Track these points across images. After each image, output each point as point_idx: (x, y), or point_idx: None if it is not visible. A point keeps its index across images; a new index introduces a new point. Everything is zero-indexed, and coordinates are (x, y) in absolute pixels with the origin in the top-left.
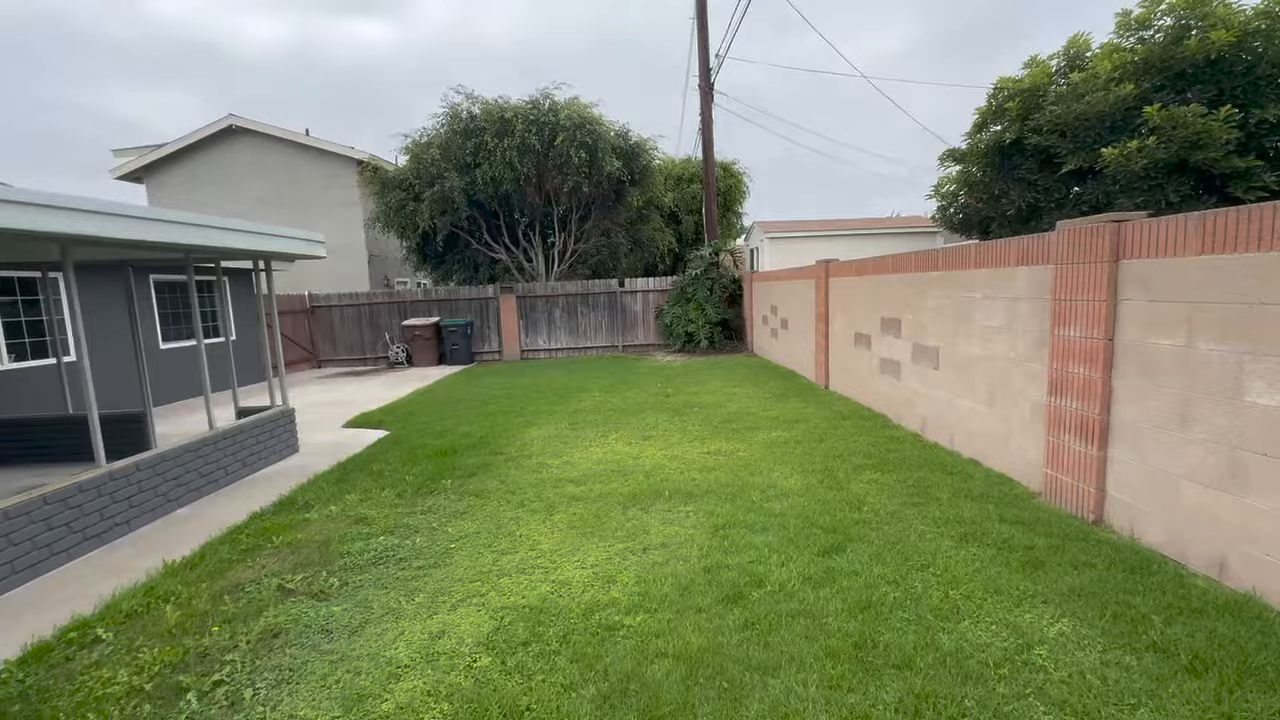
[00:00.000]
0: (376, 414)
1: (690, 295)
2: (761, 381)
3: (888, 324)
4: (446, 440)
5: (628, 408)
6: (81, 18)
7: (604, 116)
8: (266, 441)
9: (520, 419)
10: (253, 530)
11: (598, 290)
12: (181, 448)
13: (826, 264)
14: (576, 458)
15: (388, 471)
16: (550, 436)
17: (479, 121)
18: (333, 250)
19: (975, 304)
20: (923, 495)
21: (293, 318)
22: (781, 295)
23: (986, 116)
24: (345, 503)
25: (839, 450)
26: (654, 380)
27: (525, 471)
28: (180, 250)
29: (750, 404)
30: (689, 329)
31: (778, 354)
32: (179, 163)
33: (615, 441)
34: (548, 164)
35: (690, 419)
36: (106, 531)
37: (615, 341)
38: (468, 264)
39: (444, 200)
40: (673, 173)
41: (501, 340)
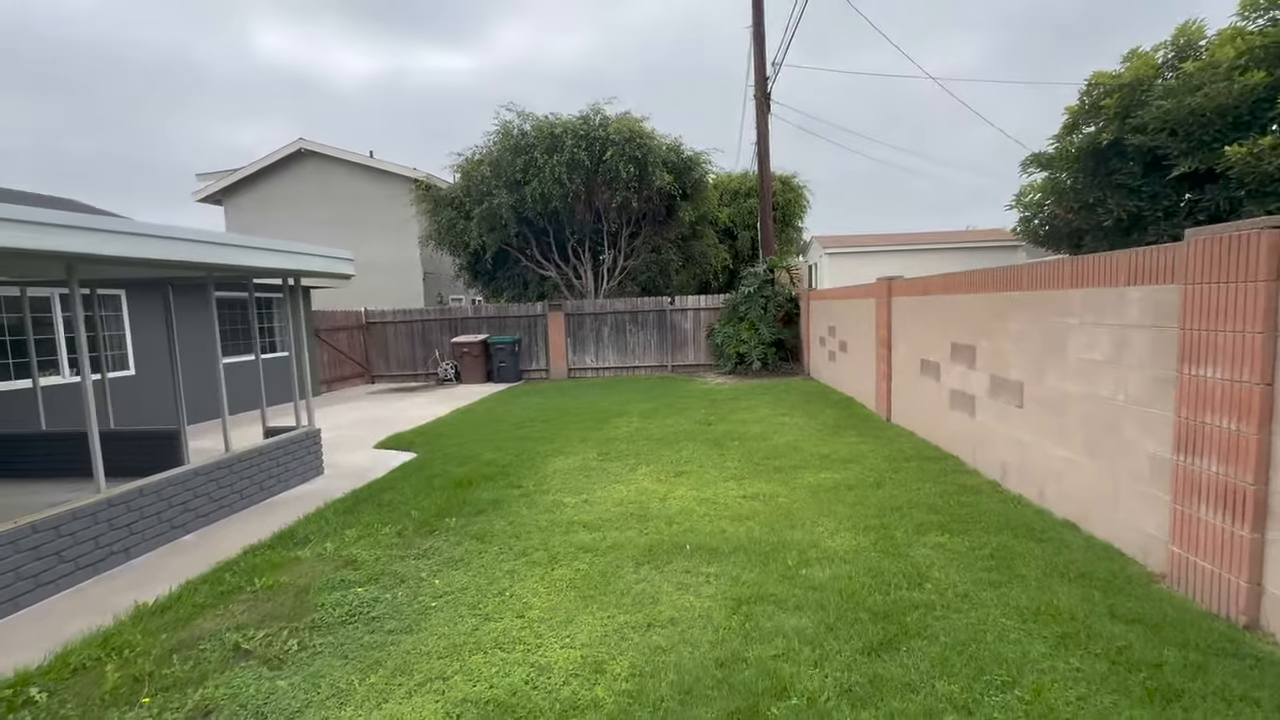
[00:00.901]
0: (409, 435)
1: (743, 314)
2: (815, 410)
3: (959, 351)
4: (467, 469)
5: (664, 437)
6: (201, 60)
7: (655, 131)
8: (288, 464)
9: (549, 446)
10: (241, 568)
11: (647, 308)
12: (191, 471)
13: (888, 282)
14: (598, 495)
15: (398, 503)
16: (575, 468)
17: (529, 138)
18: (389, 268)
19: (1071, 331)
20: (1004, 570)
21: (348, 333)
22: (840, 315)
23: (1079, 116)
24: (343, 539)
25: (899, 500)
26: (698, 405)
27: (538, 511)
28: (201, 269)
29: (800, 437)
30: (740, 349)
31: (835, 379)
32: (253, 186)
33: (644, 477)
34: (597, 179)
35: (730, 453)
36: (102, 560)
37: (664, 361)
38: (517, 281)
39: (493, 218)
40: (729, 187)
41: (549, 358)
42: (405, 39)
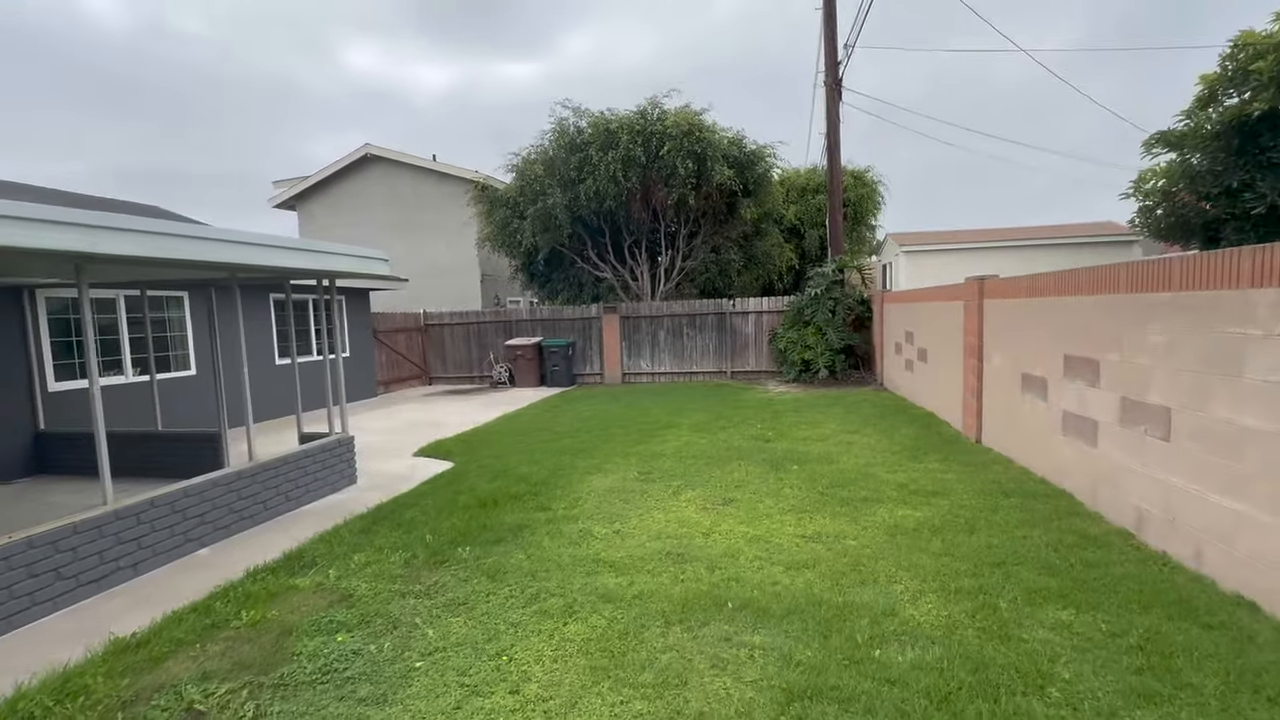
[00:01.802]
0: (450, 442)
1: (808, 318)
2: (890, 427)
3: (1075, 365)
4: (498, 484)
5: (716, 454)
6: (296, 78)
7: (716, 124)
8: (317, 473)
9: (589, 461)
10: (235, 595)
11: (705, 310)
12: (209, 482)
13: (980, 282)
14: (632, 525)
15: (417, 523)
16: (613, 489)
17: (585, 135)
18: (450, 270)
19: (1252, 345)
20: (1163, 672)
21: (407, 335)
22: (919, 319)
23: (1218, 86)
24: (348, 565)
25: (1000, 552)
26: (757, 417)
27: (563, 543)
28: (222, 269)
29: (873, 459)
30: (805, 356)
31: (913, 391)
32: (323, 191)
33: (687, 504)
34: (653, 176)
35: (790, 477)
36: (108, 576)
37: (723, 367)
38: (572, 283)
39: (546, 218)
40: (796, 183)
41: (603, 362)
42: (478, 52)
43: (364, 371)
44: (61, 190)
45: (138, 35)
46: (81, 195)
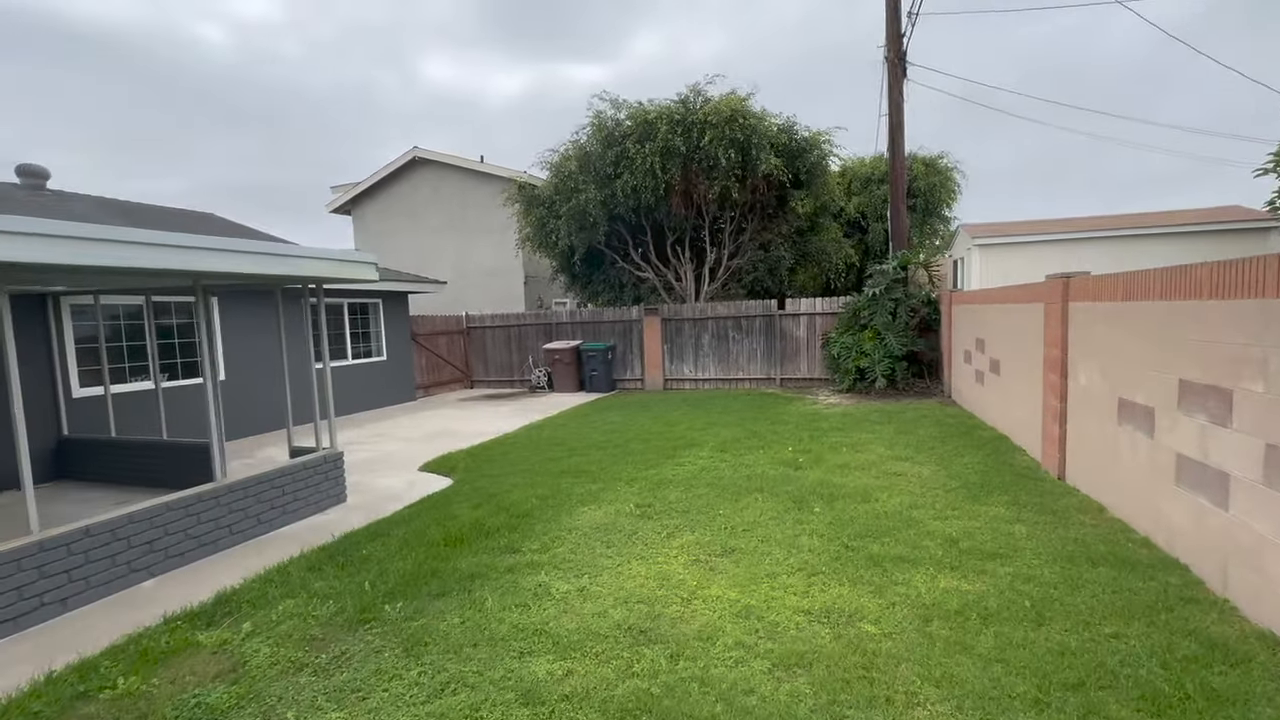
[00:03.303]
0: (460, 456)
1: (866, 320)
2: (950, 453)
3: (1196, 394)
4: (480, 513)
5: (732, 483)
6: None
7: (765, 110)
8: (298, 492)
9: (590, 486)
10: (130, 652)
11: (752, 312)
12: (163, 505)
13: (1064, 281)
14: (602, 582)
15: (370, 561)
16: (600, 527)
17: (624, 127)
18: (494, 272)
19: None
20: None
21: (448, 338)
22: (991, 324)
23: None
24: (269, 617)
25: (1080, 662)
26: (794, 436)
27: (511, 603)
28: (184, 276)
29: (920, 498)
30: (861, 363)
31: (983, 407)
32: (375, 196)
33: (677, 553)
34: (694, 168)
35: (812, 520)
36: (27, 614)
37: (772, 373)
38: (612, 284)
39: (581, 215)
40: (859, 173)
41: (644, 367)
42: (548, 56)
43: (402, 375)
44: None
45: (243, 60)
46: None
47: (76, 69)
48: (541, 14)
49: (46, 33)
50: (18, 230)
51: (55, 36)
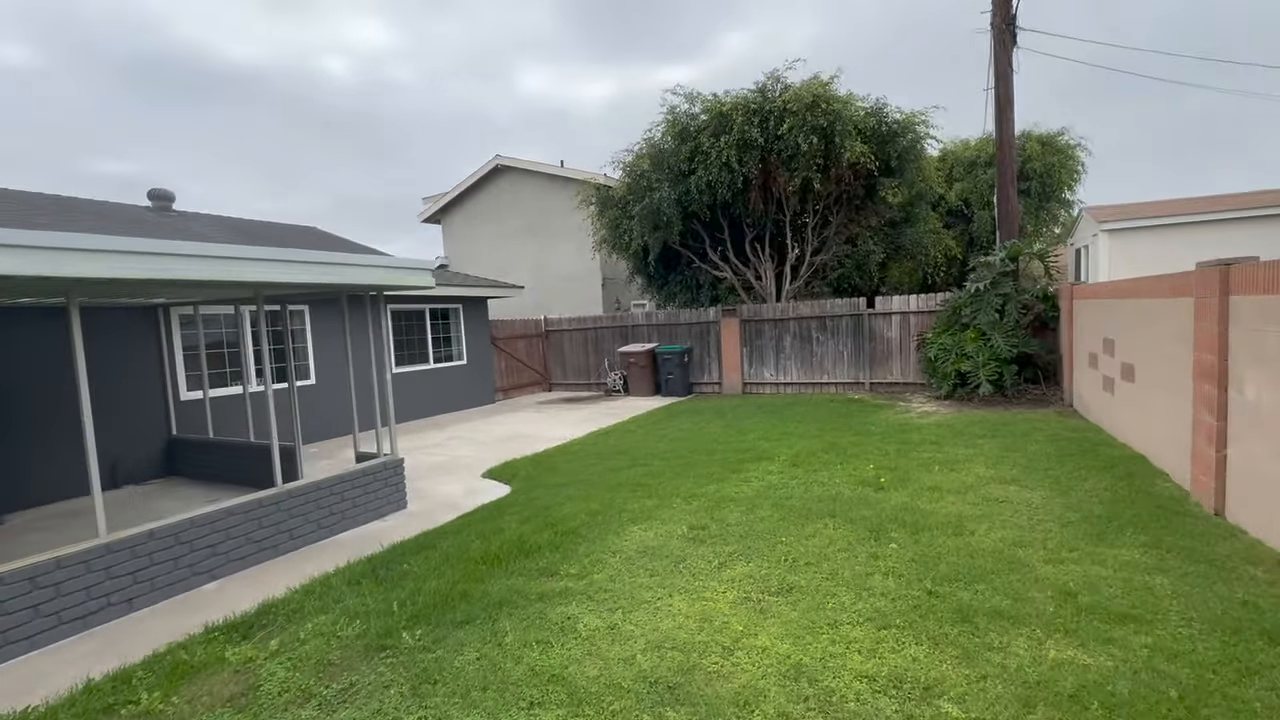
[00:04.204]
0: (522, 463)
1: (968, 319)
2: (1070, 475)
3: None
4: (527, 528)
5: (801, 506)
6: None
7: (852, 95)
8: (357, 499)
9: (646, 501)
10: (166, 663)
11: (839, 312)
12: (224, 509)
13: (1222, 269)
14: (637, 619)
15: (407, 578)
16: (647, 550)
17: (699, 121)
18: (574, 275)
19: None
20: None
21: (527, 341)
22: (1123, 322)
23: None
24: (297, 635)
25: None
26: (879, 449)
27: (532, 639)
28: (247, 288)
29: (1029, 533)
30: (962, 367)
31: (1113, 420)
32: (461, 204)
33: (727, 588)
34: (772, 159)
35: (890, 554)
36: (96, 613)
37: (860, 377)
38: (689, 284)
39: (655, 215)
40: (962, 157)
41: (722, 370)
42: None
43: (482, 378)
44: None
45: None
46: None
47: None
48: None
49: (203, 76)
50: (69, 246)
51: (211, 79)
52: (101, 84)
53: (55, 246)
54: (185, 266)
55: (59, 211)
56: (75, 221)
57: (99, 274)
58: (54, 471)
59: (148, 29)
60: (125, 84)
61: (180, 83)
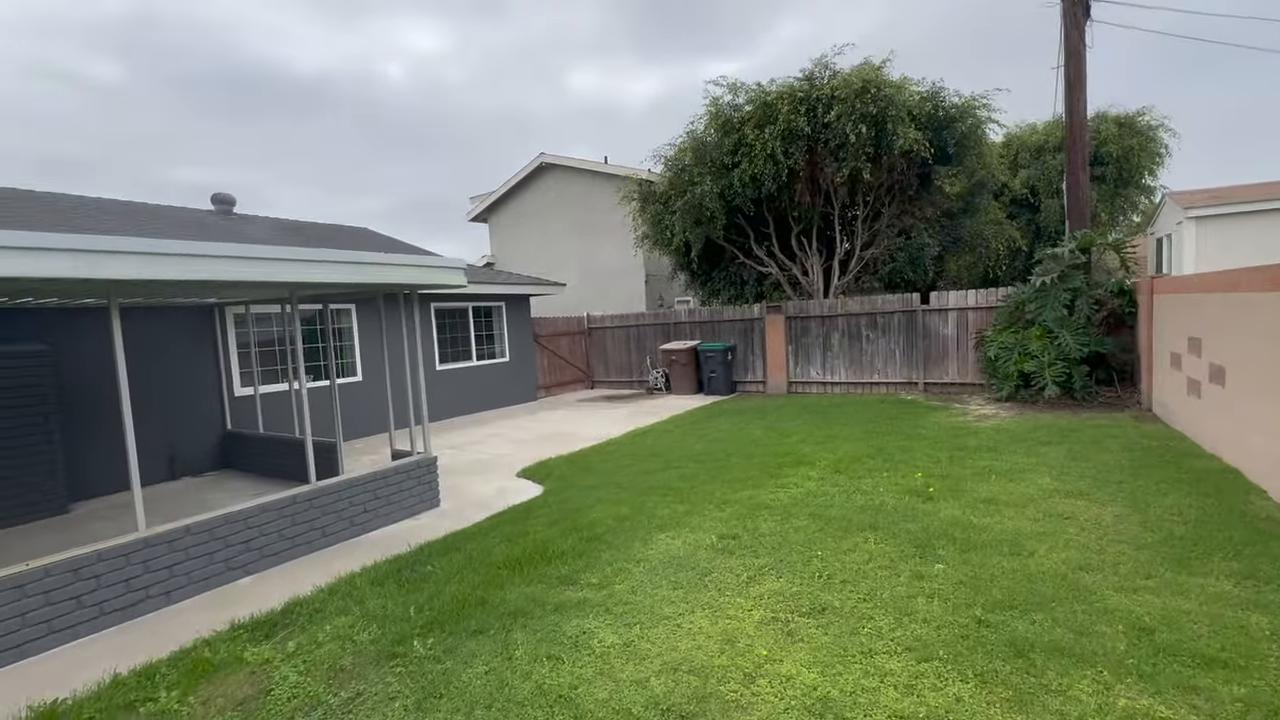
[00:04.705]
0: (557, 462)
1: (1032, 315)
2: (1148, 490)
3: None
4: (552, 532)
5: (840, 516)
6: (529, 109)
7: (905, 79)
8: (390, 497)
9: (676, 507)
10: (190, 660)
11: (890, 308)
12: (258, 506)
13: None
14: (654, 636)
15: (427, 582)
16: (673, 560)
17: (743, 113)
18: (618, 272)
19: None
20: None
21: (570, 339)
22: (1211, 319)
23: None
24: (316, 637)
25: None
26: (929, 456)
27: (544, 656)
28: (284, 289)
29: (1098, 555)
30: (1025, 367)
31: (1199, 428)
32: (507, 203)
33: (754, 606)
34: (819, 149)
35: (936, 574)
36: (136, 605)
37: (913, 377)
38: (733, 280)
39: (697, 209)
40: (1028, 142)
41: (766, 369)
42: (686, 54)
43: (524, 376)
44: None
45: (419, 91)
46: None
47: (302, 114)
48: (679, 14)
49: (281, 87)
50: (96, 249)
51: (288, 90)
52: (182, 97)
53: (90, 249)
54: (217, 267)
55: (125, 215)
56: (142, 226)
57: (133, 275)
58: (118, 464)
59: (223, 44)
60: (203, 96)
61: (253, 93)
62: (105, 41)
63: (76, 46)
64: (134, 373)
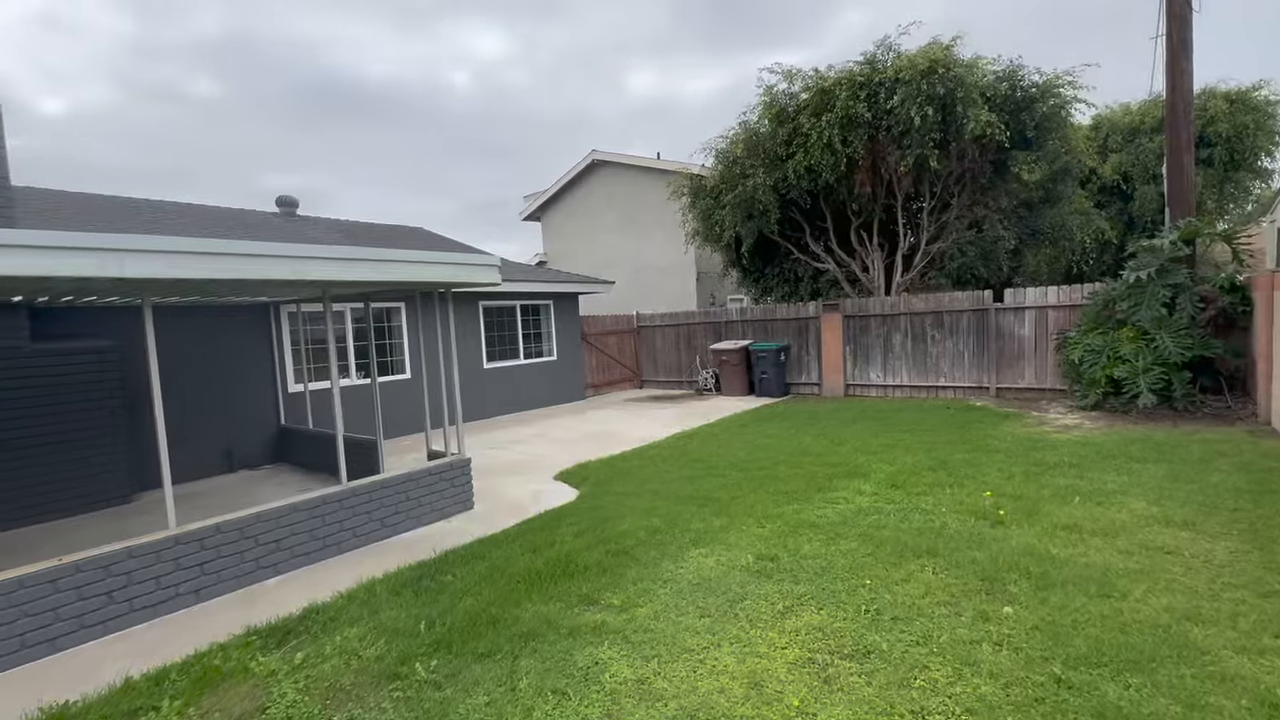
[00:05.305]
0: (595, 465)
1: (1125, 315)
2: (1272, 524)
3: None
4: (578, 543)
5: (895, 539)
6: (591, 109)
7: (977, 58)
8: (422, 498)
9: (712, 521)
10: (199, 666)
11: (959, 306)
12: (289, 505)
13: None
14: (672, 674)
15: (444, 594)
16: (702, 582)
17: (798, 101)
18: (668, 269)
19: None
20: None
21: (619, 337)
22: None
23: None
24: (323, 649)
25: None
26: (1000, 471)
27: (549, 690)
28: (316, 286)
29: (1209, 600)
30: (1115, 372)
31: None
32: (559, 201)
33: (787, 644)
34: (881, 137)
35: (1004, 620)
36: (165, 602)
37: (983, 381)
38: (787, 277)
39: (748, 203)
40: (1121, 124)
41: (822, 370)
42: (748, 49)
43: (572, 374)
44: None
45: (483, 96)
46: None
47: (375, 121)
48: (740, 7)
49: (357, 95)
50: (126, 248)
51: (358, 97)
52: (271, 109)
53: (116, 248)
54: (248, 266)
55: (194, 217)
56: (208, 227)
57: (159, 274)
58: (185, 455)
59: (307, 58)
60: (290, 108)
61: (332, 102)
62: (205, 61)
63: (180, 67)
64: (194, 369)
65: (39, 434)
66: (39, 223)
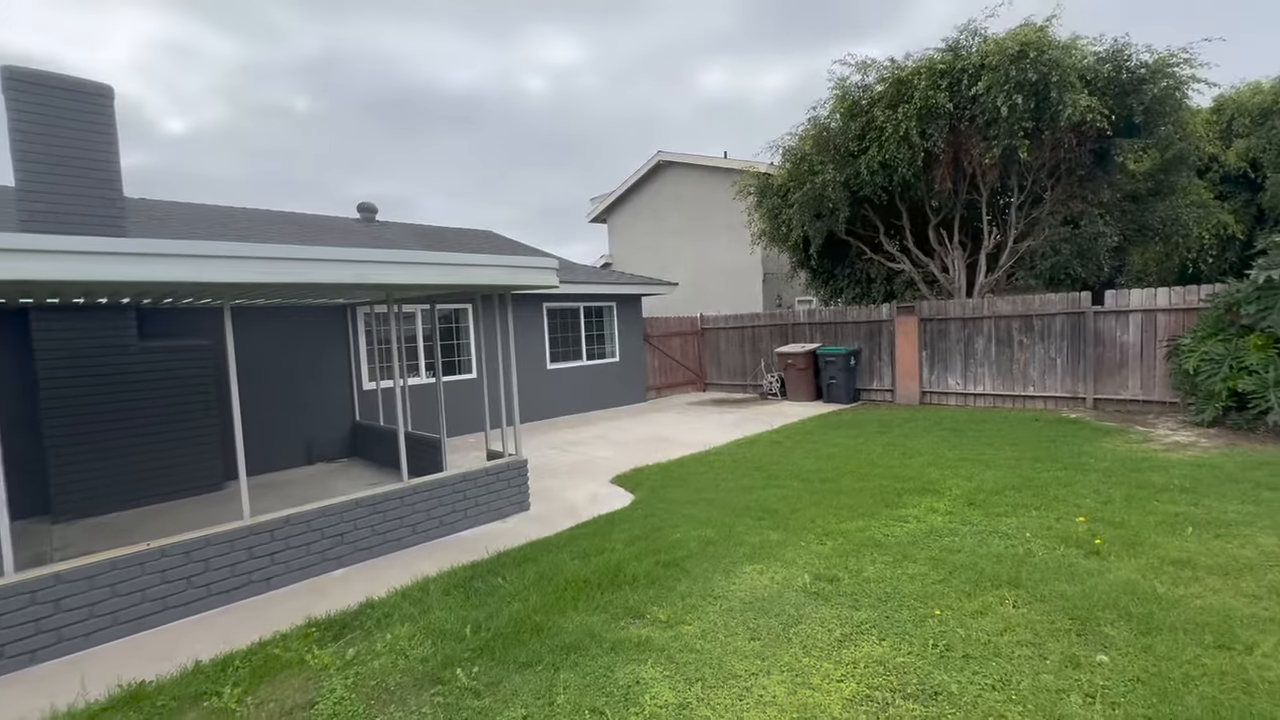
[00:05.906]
0: (652, 470)
1: (1251, 320)
2: None
3: None
4: (629, 552)
5: (970, 565)
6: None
7: (1076, 38)
8: (479, 498)
9: (771, 535)
10: (259, 656)
11: (1050, 310)
12: (352, 502)
13: None
14: (716, 702)
15: (493, 597)
16: (755, 602)
17: (872, 93)
18: (734, 271)
19: None
20: None
21: (682, 339)
22: None
23: None
24: (374, 647)
25: None
26: (1099, 492)
27: (586, 708)
28: (380, 290)
29: None
30: (1239, 384)
31: None
32: (626, 203)
33: (843, 678)
34: (963, 128)
35: (1098, 669)
36: (239, 588)
37: (1079, 391)
38: (858, 278)
39: (817, 201)
40: (1249, 105)
41: (895, 376)
42: (824, 42)
43: (634, 376)
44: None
45: (557, 101)
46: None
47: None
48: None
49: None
50: (183, 254)
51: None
52: (359, 120)
53: (192, 255)
54: (312, 271)
55: (283, 224)
56: (292, 234)
57: (233, 278)
58: (267, 447)
59: (390, 70)
60: (379, 118)
61: (416, 111)
62: (305, 79)
63: (284, 86)
64: (279, 367)
65: (143, 425)
66: (145, 232)
